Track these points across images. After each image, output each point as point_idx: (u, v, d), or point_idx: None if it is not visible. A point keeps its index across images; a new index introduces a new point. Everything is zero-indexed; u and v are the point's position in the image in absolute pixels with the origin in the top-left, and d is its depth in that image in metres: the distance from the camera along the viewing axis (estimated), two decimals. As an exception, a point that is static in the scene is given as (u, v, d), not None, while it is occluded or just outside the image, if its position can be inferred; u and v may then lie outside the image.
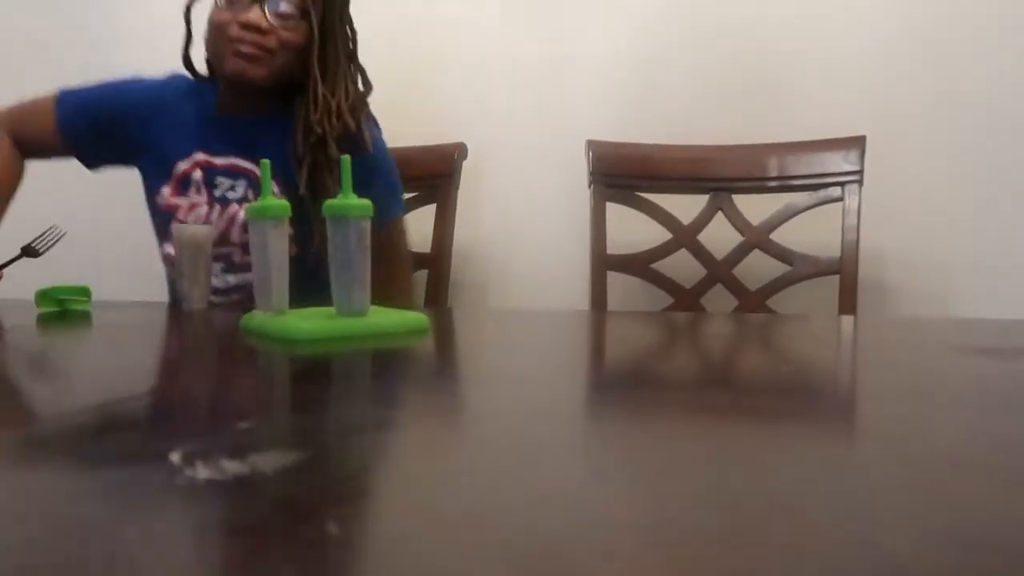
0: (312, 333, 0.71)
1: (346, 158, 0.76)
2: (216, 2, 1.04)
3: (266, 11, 1.02)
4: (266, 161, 0.79)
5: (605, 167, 1.40)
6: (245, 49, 1.02)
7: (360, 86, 1.11)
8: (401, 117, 1.58)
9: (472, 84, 1.56)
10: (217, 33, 1.04)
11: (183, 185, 1.12)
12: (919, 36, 1.44)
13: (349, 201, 0.74)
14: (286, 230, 0.79)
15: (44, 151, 1.17)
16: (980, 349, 0.65)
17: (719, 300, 1.36)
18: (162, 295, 1.22)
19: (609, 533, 0.26)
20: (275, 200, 0.78)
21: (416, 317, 0.77)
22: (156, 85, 1.18)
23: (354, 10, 1.10)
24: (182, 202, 1.12)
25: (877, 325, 0.98)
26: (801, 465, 0.34)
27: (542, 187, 1.59)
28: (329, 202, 0.75)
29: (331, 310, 0.77)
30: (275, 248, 0.77)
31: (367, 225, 0.75)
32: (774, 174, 1.36)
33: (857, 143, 1.32)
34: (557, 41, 1.58)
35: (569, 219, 1.56)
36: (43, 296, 0.96)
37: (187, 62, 1.15)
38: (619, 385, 0.54)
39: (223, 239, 1.11)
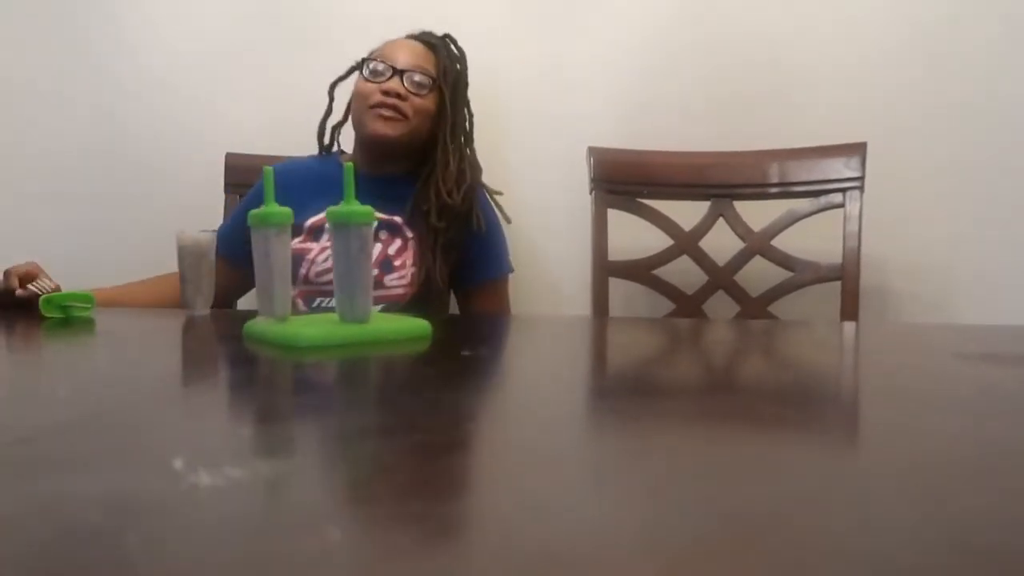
0: (314, 339, 0.71)
1: (349, 165, 0.76)
2: (362, 74, 1.26)
3: (404, 81, 1.24)
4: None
5: (606, 173, 1.40)
6: (385, 112, 1.22)
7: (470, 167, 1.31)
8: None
9: (475, 91, 1.56)
10: (361, 100, 1.25)
11: (315, 235, 1.26)
12: (920, 44, 1.44)
13: (351, 208, 0.75)
14: (288, 237, 0.79)
15: (235, 290, 1.34)
16: (981, 355, 0.65)
17: (721, 306, 1.36)
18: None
19: (607, 541, 0.26)
20: (277, 208, 0.78)
21: (418, 324, 0.77)
22: (279, 168, 1.27)
23: (355, 10, 1.11)
24: (313, 246, 1.25)
25: (878, 331, 0.98)
26: (802, 473, 0.34)
27: (544, 194, 1.60)
28: (331, 209, 0.75)
29: (334, 316, 0.77)
30: (277, 255, 0.78)
31: (369, 232, 0.75)
32: (775, 180, 1.36)
33: (858, 149, 1.32)
34: (559, 48, 1.58)
35: (571, 225, 1.57)
36: (48, 303, 0.96)
37: (321, 132, 1.36)
38: (620, 392, 0.54)
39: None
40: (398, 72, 1.24)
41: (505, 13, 1.60)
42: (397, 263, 1.24)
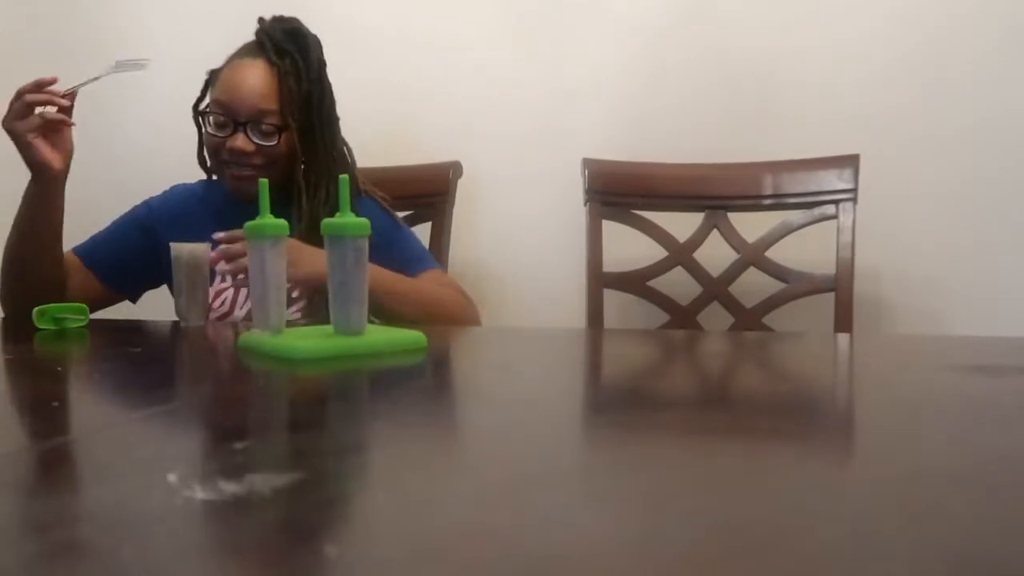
0: (309, 352, 0.71)
1: (344, 177, 0.76)
2: (207, 126, 1.14)
3: (249, 135, 1.12)
4: (264, 181, 0.80)
5: (601, 185, 1.41)
6: (237, 172, 1.13)
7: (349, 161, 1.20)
8: (398, 137, 1.60)
9: (469, 103, 1.57)
10: (211, 153, 1.16)
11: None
12: (913, 56, 1.46)
13: (346, 220, 0.75)
14: (283, 250, 0.79)
15: (95, 303, 1.17)
16: (974, 367, 0.65)
17: (715, 318, 1.36)
18: (156, 314, 1.22)
19: (602, 556, 0.26)
20: (273, 220, 0.78)
21: (413, 336, 0.77)
22: (157, 201, 1.26)
23: (353, 21, 1.11)
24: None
25: (872, 343, 0.99)
26: (798, 486, 0.34)
27: (538, 205, 1.60)
28: (327, 221, 0.75)
29: (329, 328, 0.77)
30: (273, 267, 0.78)
31: (364, 244, 0.75)
32: (769, 192, 1.37)
33: (851, 161, 1.33)
34: (554, 60, 1.59)
35: (565, 237, 1.57)
36: (41, 315, 0.95)
37: (201, 160, 1.22)
38: (615, 405, 0.54)
39: (250, 316, 1.13)
40: (240, 125, 1.11)
41: (501, 26, 1.61)
42: (294, 295, 1.13)
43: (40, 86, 1.00)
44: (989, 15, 1.43)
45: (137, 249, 1.21)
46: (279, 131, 1.13)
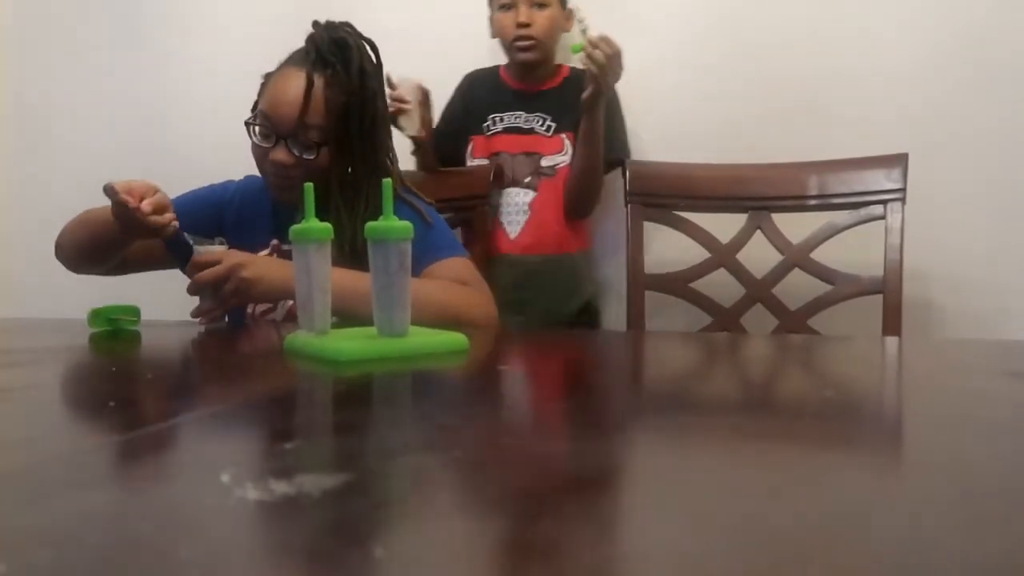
0: (354, 354, 0.72)
1: (387, 181, 0.77)
2: (252, 138, 1.16)
3: (290, 148, 1.13)
4: (309, 184, 0.81)
5: (641, 186, 1.40)
6: (278, 183, 1.16)
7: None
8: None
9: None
10: (257, 163, 1.19)
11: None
12: (961, 53, 1.42)
13: (390, 224, 0.75)
14: (328, 252, 0.80)
15: (145, 260, 1.23)
16: (1030, 373, 0.63)
17: (759, 320, 1.35)
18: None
19: (648, 564, 0.26)
20: (318, 223, 0.79)
21: (456, 337, 0.78)
22: (234, 187, 1.30)
23: (389, 21, 1.12)
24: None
25: (922, 347, 0.96)
26: (847, 495, 0.34)
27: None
28: (371, 224, 0.76)
29: (372, 330, 0.78)
30: (318, 269, 0.79)
31: (407, 247, 0.76)
32: (814, 192, 1.35)
33: (899, 161, 1.30)
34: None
35: (606, 238, 1.56)
36: (95, 316, 0.98)
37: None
38: (660, 409, 0.54)
39: (290, 315, 1.18)
40: (281, 138, 1.12)
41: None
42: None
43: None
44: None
45: (204, 223, 1.22)
46: (319, 145, 1.13)
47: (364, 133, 1.16)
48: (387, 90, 1.19)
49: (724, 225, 1.37)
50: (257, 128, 1.15)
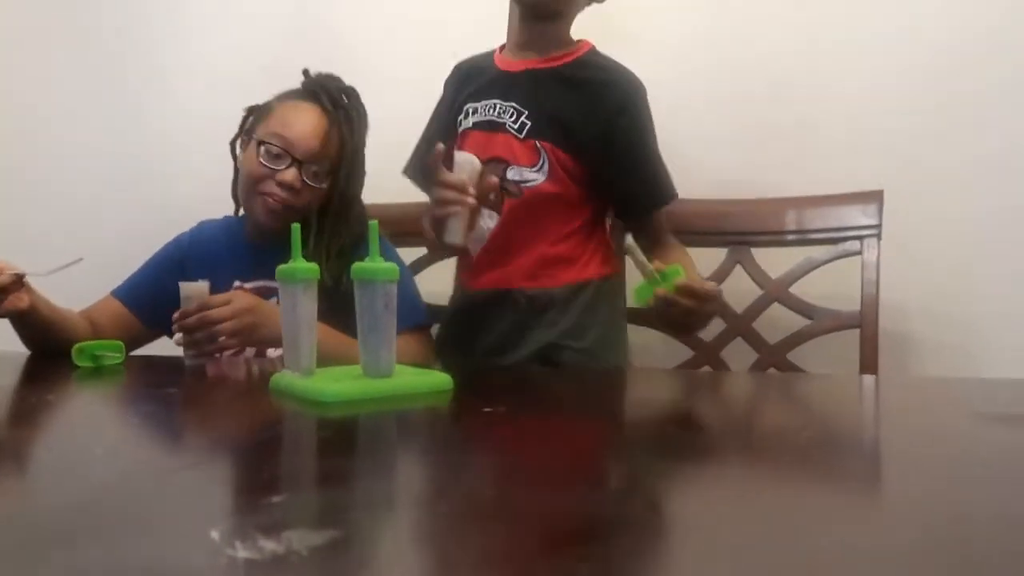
0: (340, 395, 0.72)
1: (374, 223, 0.78)
2: (257, 154, 1.16)
3: (302, 173, 1.15)
4: (296, 225, 0.82)
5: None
6: (274, 205, 1.16)
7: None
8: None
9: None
10: (251, 179, 1.17)
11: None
12: (938, 88, 1.45)
13: (376, 265, 0.77)
14: (315, 292, 0.81)
15: (135, 341, 1.21)
16: (1000, 416, 0.65)
17: (739, 354, 1.36)
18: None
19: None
20: (304, 264, 0.80)
21: (440, 377, 0.79)
22: (187, 238, 1.31)
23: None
24: None
25: (897, 386, 0.98)
26: (826, 539, 0.35)
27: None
28: (357, 265, 0.77)
29: (357, 369, 0.79)
30: (304, 309, 0.80)
31: (393, 289, 0.77)
32: (792, 228, 1.37)
33: (875, 197, 1.33)
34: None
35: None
36: (80, 352, 0.99)
37: (234, 194, 1.27)
38: (645, 450, 0.55)
39: (260, 352, 1.18)
40: (296, 162, 1.15)
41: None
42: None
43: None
44: (1013, 43, 1.42)
45: (174, 286, 1.24)
46: (328, 172, 1.18)
47: (357, 180, 1.22)
48: (445, 178, 1.01)
49: (705, 259, 1.39)
50: (265, 148, 1.16)
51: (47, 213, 1.79)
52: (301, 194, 1.16)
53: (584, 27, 1.18)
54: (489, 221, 1.13)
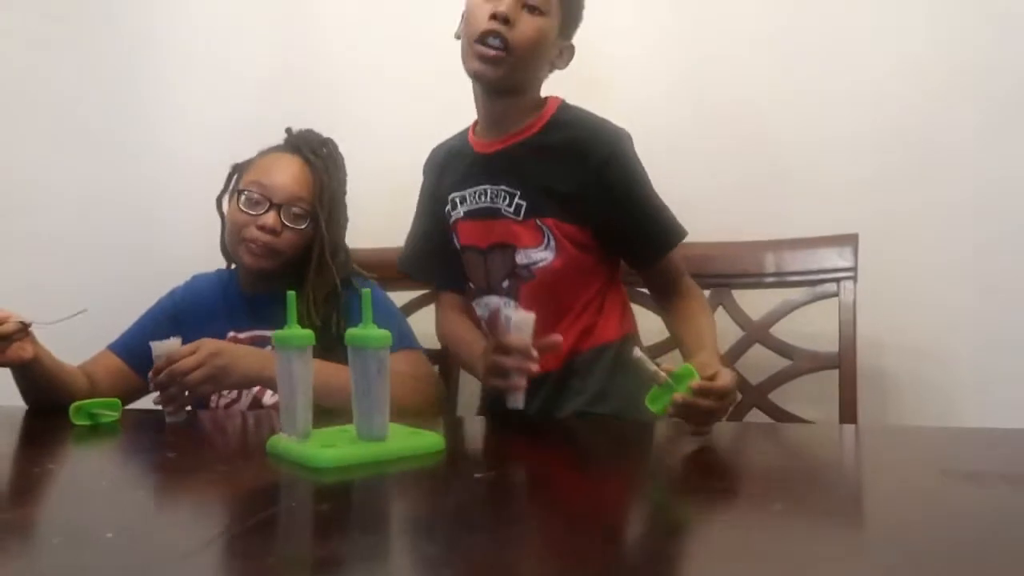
0: (335, 461, 0.75)
1: (367, 291, 0.81)
2: (238, 203, 1.21)
3: (281, 215, 1.20)
4: (291, 293, 0.85)
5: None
6: (256, 248, 1.20)
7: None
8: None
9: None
10: (234, 228, 1.22)
11: None
12: (910, 139, 1.50)
13: (368, 332, 0.80)
14: (310, 357, 0.84)
15: (133, 394, 1.23)
16: (965, 474, 0.69)
17: (723, 394, 1.39)
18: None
19: None
20: (300, 329, 0.83)
21: (432, 439, 0.82)
22: (180, 291, 1.34)
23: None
24: None
25: (871, 437, 1.02)
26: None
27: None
28: (351, 332, 0.80)
29: (352, 432, 0.82)
30: (300, 374, 0.82)
31: (386, 355, 0.80)
32: (771, 270, 1.41)
33: (850, 240, 1.38)
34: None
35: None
36: (77, 411, 1.00)
37: (223, 247, 1.31)
38: (640, 519, 0.57)
39: (255, 404, 1.22)
40: (275, 206, 1.19)
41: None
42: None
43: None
44: (986, 86, 1.47)
45: (167, 335, 1.25)
46: (309, 215, 1.22)
47: (336, 218, 1.26)
48: (508, 342, 0.94)
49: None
50: (244, 196, 1.21)
51: (39, 263, 1.80)
52: (282, 236, 1.20)
53: (558, 78, 1.20)
54: (507, 310, 1.10)
